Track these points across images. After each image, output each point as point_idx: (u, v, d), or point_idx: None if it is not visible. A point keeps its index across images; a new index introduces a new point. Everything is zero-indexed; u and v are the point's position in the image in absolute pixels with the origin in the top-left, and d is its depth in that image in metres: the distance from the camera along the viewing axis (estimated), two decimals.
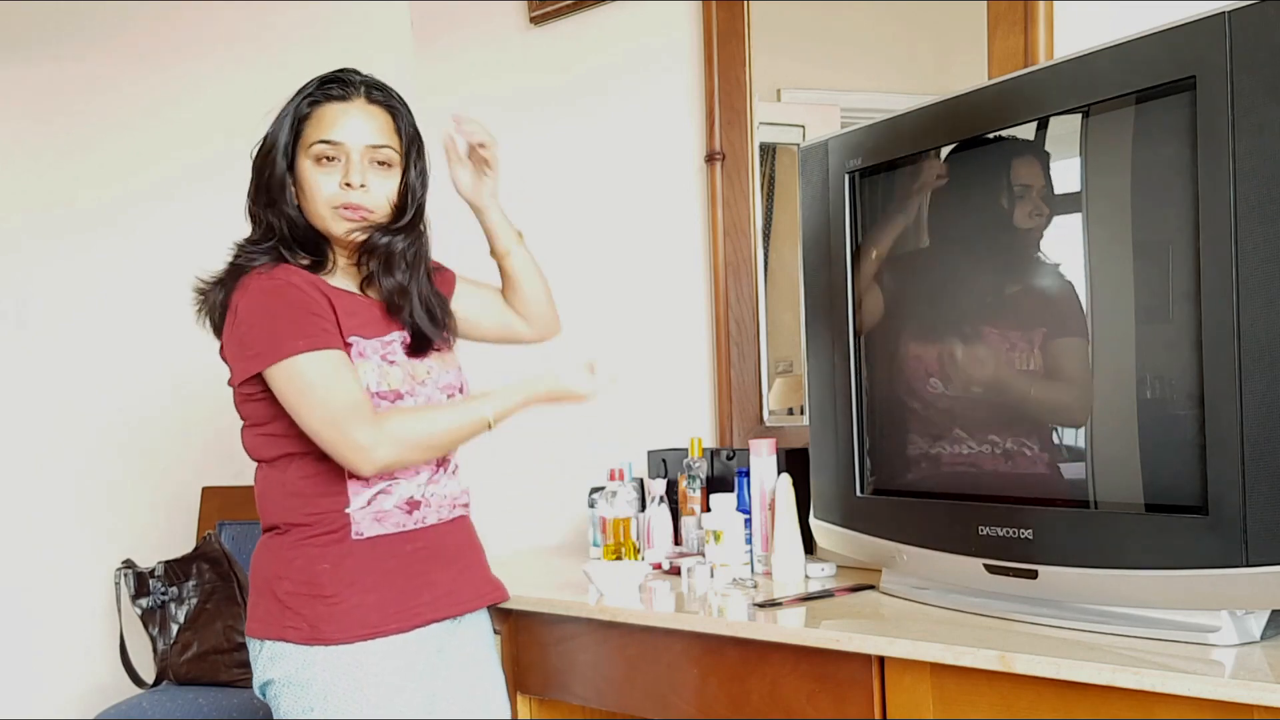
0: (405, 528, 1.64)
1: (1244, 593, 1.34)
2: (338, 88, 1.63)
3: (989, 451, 1.66)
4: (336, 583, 1.58)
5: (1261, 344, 1.31)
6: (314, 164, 1.62)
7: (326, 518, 1.60)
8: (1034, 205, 1.63)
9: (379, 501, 1.62)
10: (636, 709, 1.92)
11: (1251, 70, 1.31)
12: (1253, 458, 1.32)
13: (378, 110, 1.64)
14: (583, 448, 2.75)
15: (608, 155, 2.76)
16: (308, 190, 1.62)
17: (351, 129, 1.61)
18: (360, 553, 1.60)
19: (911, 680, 1.55)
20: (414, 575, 1.63)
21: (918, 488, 1.78)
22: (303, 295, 1.59)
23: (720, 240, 2.47)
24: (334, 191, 1.61)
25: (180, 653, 2.64)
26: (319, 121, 1.62)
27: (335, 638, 1.56)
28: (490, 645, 1.79)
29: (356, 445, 1.52)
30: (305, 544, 1.60)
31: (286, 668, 1.58)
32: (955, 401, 1.71)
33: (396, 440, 1.55)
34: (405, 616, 1.61)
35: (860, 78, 2.39)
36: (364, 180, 1.61)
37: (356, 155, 1.61)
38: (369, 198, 1.62)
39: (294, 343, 1.54)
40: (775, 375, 2.44)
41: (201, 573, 2.70)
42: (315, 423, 1.54)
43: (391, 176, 1.64)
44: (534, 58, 2.90)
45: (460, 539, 1.73)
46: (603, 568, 2.00)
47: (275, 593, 1.60)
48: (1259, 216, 1.31)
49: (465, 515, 1.76)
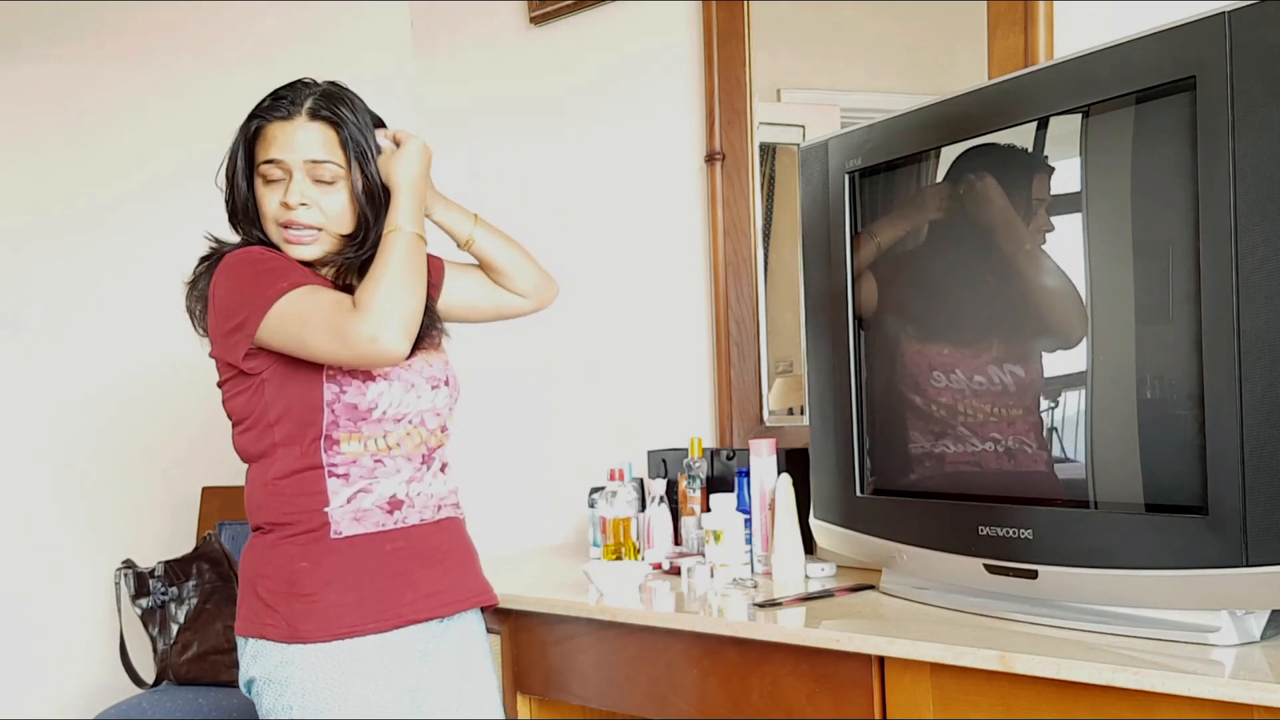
0: (385, 527, 1.63)
1: (1244, 593, 1.34)
2: (284, 105, 1.62)
3: (989, 451, 1.66)
4: (315, 581, 1.57)
5: (1261, 344, 1.31)
6: (264, 183, 1.63)
7: (306, 516, 1.59)
8: (1034, 205, 1.63)
9: (359, 500, 1.61)
10: (636, 709, 1.92)
11: (1251, 70, 1.31)
12: (1253, 458, 1.32)
13: (320, 125, 1.62)
14: (583, 448, 2.75)
15: (608, 155, 2.76)
16: (261, 211, 1.64)
17: (292, 146, 1.60)
18: (339, 552, 1.59)
19: (911, 680, 1.55)
20: (394, 575, 1.62)
21: (918, 487, 1.78)
22: (272, 254, 1.61)
23: (720, 240, 2.47)
24: (276, 209, 1.62)
25: (180, 653, 2.64)
26: (265, 141, 1.62)
27: (313, 636, 1.55)
28: (482, 648, 1.77)
29: (365, 338, 1.50)
30: (285, 543, 1.60)
31: (266, 665, 1.58)
32: (955, 402, 1.71)
33: (382, 308, 1.51)
34: (385, 616, 1.60)
35: (860, 78, 2.39)
36: (304, 198, 1.60)
37: (299, 172, 1.61)
38: (311, 215, 1.61)
39: (273, 289, 1.55)
40: (775, 375, 2.44)
41: (201, 573, 2.70)
42: (321, 344, 1.53)
43: (338, 191, 1.63)
44: (534, 58, 2.90)
45: (445, 539, 1.70)
46: (603, 568, 2.00)
47: (257, 591, 1.60)
48: (1259, 216, 1.31)
49: (454, 517, 1.74)
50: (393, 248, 1.57)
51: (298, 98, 1.63)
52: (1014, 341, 1.66)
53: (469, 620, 1.75)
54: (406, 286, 1.55)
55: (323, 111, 1.62)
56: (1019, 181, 1.64)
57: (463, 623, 1.73)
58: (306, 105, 1.62)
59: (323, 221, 1.62)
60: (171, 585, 2.68)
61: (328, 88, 1.66)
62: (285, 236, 1.62)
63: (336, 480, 1.60)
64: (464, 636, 1.73)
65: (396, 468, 1.65)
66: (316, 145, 1.61)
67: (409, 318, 1.54)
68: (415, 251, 1.59)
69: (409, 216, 1.61)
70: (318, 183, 1.61)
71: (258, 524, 1.65)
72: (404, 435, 1.66)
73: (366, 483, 1.62)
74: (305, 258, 1.63)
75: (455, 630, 1.71)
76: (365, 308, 1.51)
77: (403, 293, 1.54)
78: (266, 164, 1.61)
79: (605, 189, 2.77)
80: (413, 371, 1.66)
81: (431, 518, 1.69)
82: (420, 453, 1.68)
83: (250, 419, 1.62)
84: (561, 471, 2.80)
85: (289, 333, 1.54)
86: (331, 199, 1.62)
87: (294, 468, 1.60)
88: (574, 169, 2.83)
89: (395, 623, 1.61)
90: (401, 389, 1.64)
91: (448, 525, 1.72)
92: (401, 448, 1.65)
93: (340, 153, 1.63)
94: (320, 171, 1.61)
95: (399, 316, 1.52)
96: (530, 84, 2.91)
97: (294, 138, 1.60)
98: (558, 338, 2.81)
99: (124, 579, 2.70)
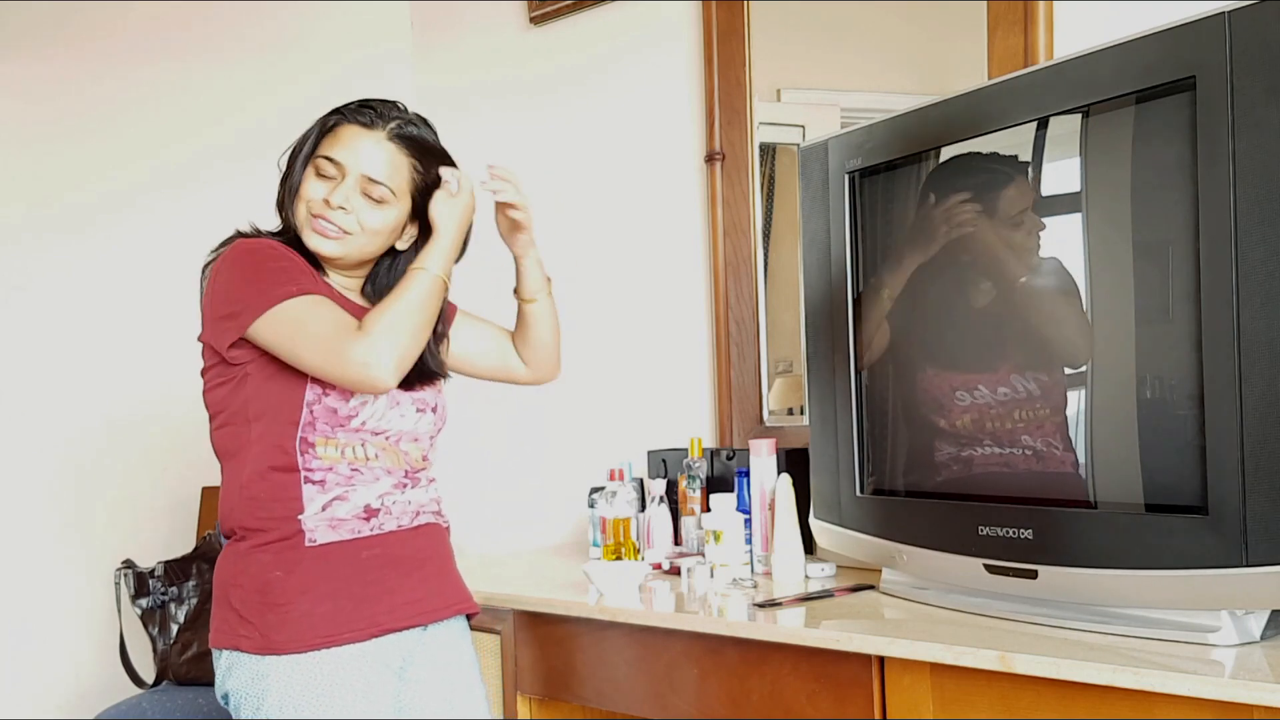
0: (361, 534, 1.60)
1: (1244, 593, 1.34)
2: (369, 114, 1.62)
3: (989, 451, 1.66)
4: (288, 590, 1.54)
5: (1261, 344, 1.31)
6: (314, 172, 1.61)
7: (280, 523, 1.56)
8: (1033, 205, 1.63)
9: (334, 508, 1.58)
10: (636, 709, 1.92)
11: (1251, 70, 1.31)
12: (1253, 458, 1.32)
13: (394, 148, 1.62)
14: (583, 448, 2.75)
15: (608, 155, 2.76)
16: (298, 193, 1.62)
17: (358, 153, 1.60)
18: (314, 560, 1.56)
19: (911, 680, 1.55)
20: (370, 583, 1.59)
21: (918, 487, 1.78)
22: (286, 252, 1.59)
23: (720, 240, 2.48)
24: (315, 199, 1.60)
25: (180, 653, 2.64)
26: (335, 138, 1.62)
27: (287, 647, 1.52)
28: (467, 655, 1.72)
29: (358, 363, 1.50)
30: (259, 550, 1.56)
31: (242, 678, 1.55)
32: (955, 401, 1.71)
33: (384, 337, 1.51)
34: (362, 625, 1.56)
35: (860, 78, 2.39)
36: (346, 204, 1.59)
37: (351, 179, 1.60)
38: (347, 220, 1.60)
39: (281, 289, 1.54)
40: (775, 375, 2.44)
41: (201, 573, 2.70)
42: (315, 358, 1.52)
43: (382, 210, 1.62)
44: (534, 58, 2.90)
45: (424, 545, 1.67)
46: (603, 568, 2.00)
47: (230, 601, 1.57)
48: (1259, 216, 1.31)
49: (435, 523, 1.71)
50: (414, 286, 1.57)
51: (386, 112, 1.63)
52: (1013, 340, 1.66)
53: (452, 628, 1.71)
54: (414, 325, 1.55)
55: (403, 135, 1.62)
56: (1018, 182, 1.64)
57: (445, 631, 1.69)
58: (391, 124, 1.62)
59: (352, 227, 1.61)
60: (171, 585, 2.68)
61: (415, 117, 1.66)
62: (313, 225, 1.61)
63: (312, 486, 1.57)
64: (447, 645, 1.69)
65: (374, 478, 1.62)
66: (381, 164, 1.60)
67: (407, 355, 1.54)
68: (433, 295, 1.59)
69: (439, 260, 1.60)
70: (365, 197, 1.61)
71: (230, 529, 1.61)
72: (382, 449, 1.63)
73: (343, 490, 1.59)
74: (323, 251, 1.62)
75: (437, 639, 1.68)
76: (369, 333, 1.51)
77: (408, 330, 1.54)
78: (325, 159, 1.60)
79: (606, 189, 2.77)
80: (400, 390, 1.64)
81: (409, 524, 1.65)
82: (402, 469, 1.65)
83: (228, 413, 1.60)
84: (561, 471, 2.80)
85: (282, 336, 1.53)
86: (372, 215, 1.61)
87: (269, 466, 1.57)
88: (574, 169, 2.83)
89: (373, 632, 1.57)
90: (386, 403, 1.62)
91: (426, 531, 1.68)
92: (380, 460, 1.63)
93: (398, 179, 1.62)
94: (373, 190, 1.60)
95: (398, 351, 1.52)
96: (530, 84, 2.91)
97: (363, 148, 1.60)
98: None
99: (124, 579, 2.69)
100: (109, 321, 3.08)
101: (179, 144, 3.10)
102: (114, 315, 3.08)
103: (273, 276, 1.56)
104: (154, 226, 3.08)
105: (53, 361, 3.05)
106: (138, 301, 3.07)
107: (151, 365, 3.04)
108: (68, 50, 3.07)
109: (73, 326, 3.06)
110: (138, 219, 3.09)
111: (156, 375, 3.01)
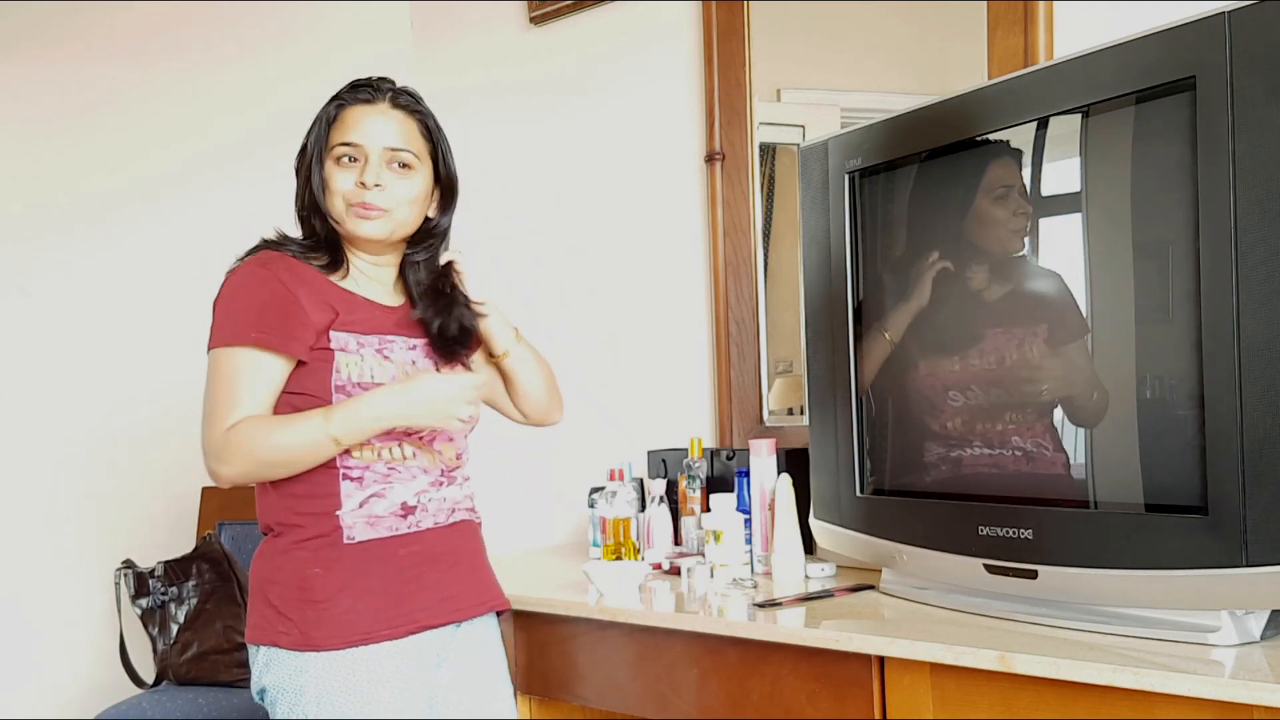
0: (399, 531, 1.62)
1: (1244, 593, 1.34)
2: (366, 91, 1.66)
3: (989, 451, 1.66)
4: (328, 587, 1.56)
5: (1261, 344, 1.31)
6: (335, 164, 1.64)
7: (318, 520, 1.58)
8: (1032, 205, 1.63)
9: (371, 505, 1.60)
10: (636, 709, 1.92)
11: (1251, 70, 1.31)
12: (1252, 458, 1.32)
13: (401, 114, 1.66)
14: (583, 448, 2.75)
15: (608, 155, 2.76)
16: (329, 188, 1.64)
17: (371, 130, 1.63)
18: (352, 557, 1.58)
19: (911, 680, 1.55)
20: (409, 580, 1.61)
21: (918, 487, 1.78)
22: (277, 289, 1.58)
23: (720, 240, 2.47)
24: (349, 189, 1.62)
25: (180, 653, 2.64)
26: (343, 123, 1.64)
27: (327, 644, 1.54)
28: (498, 654, 1.76)
29: (211, 448, 1.54)
30: (297, 547, 1.58)
31: (279, 674, 1.56)
32: (956, 401, 1.71)
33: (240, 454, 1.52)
34: (400, 622, 1.58)
35: (860, 78, 2.39)
36: (379, 180, 1.62)
37: (375, 156, 1.62)
38: (384, 197, 1.62)
39: (236, 333, 1.56)
40: (775, 375, 2.44)
41: (201, 573, 2.70)
42: (203, 409, 1.56)
43: (411, 178, 1.65)
44: (534, 58, 2.90)
45: (460, 543, 1.69)
46: (603, 568, 2.00)
47: (268, 598, 1.59)
48: (1259, 216, 1.31)
49: (469, 520, 1.73)
50: (306, 434, 1.53)
51: (380, 85, 1.67)
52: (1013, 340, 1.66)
53: (484, 625, 1.74)
54: (275, 461, 1.55)
55: (406, 102, 1.67)
56: (1017, 182, 1.64)
57: (478, 628, 1.72)
58: (389, 94, 1.66)
59: (391, 204, 1.63)
60: (171, 585, 2.68)
61: (406, 86, 1.71)
62: (355, 213, 1.62)
63: (350, 483, 1.59)
64: (479, 642, 1.72)
65: (411, 476, 1.64)
66: (396, 133, 1.64)
67: (250, 478, 1.57)
68: (314, 451, 1.54)
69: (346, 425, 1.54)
70: (391, 169, 1.64)
71: (267, 525, 1.64)
72: (418, 448, 1.64)
73: (380, 487, 1.61)
74: (370, 234, 1.63)
75: (470, 635, 1.70)
76: (235, 438, 1.52)
77: (266, 462, 1.54)
78: (343, 145, 1.63)
79: (605, 189, 2.77)
80: None
81: (445, 521, 1.68)
82: (439, 467, 1.67)
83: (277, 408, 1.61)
84: (561, 471, 2.80)
85: (207, 373, 1.57)
86: (404, 185, 1.65)
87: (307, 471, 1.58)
88: (574, 169, 2.83)
89: (410, 628, 1.59)
90: None
91: (461, 528, 1.71)
92: (418, 459, 1.64)
93: (416, 142, 1.66)
94: (398, 158, 1.64)
95: (242, 470, 1.54)
96: (530, 84, 2.91)
97: (374, 122, 1.64)
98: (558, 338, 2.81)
99: (124, 579, 2.69)
100: (109, 321, 3.08)
101: (179, 144, 3.10)
102: (114, 315, 3.08)
103: (240, 316, 1.57)
104: (154, 226, 3.08)
105: (53, 361, 3.05)
106: (138, 301, 3.07)
107: (152, 365, 3.04)
108: (68, 50, 3.07)
109: (73, 326, 3.07)
110: (138, 219, 3.09)
111: (157, 375, 3.02)
